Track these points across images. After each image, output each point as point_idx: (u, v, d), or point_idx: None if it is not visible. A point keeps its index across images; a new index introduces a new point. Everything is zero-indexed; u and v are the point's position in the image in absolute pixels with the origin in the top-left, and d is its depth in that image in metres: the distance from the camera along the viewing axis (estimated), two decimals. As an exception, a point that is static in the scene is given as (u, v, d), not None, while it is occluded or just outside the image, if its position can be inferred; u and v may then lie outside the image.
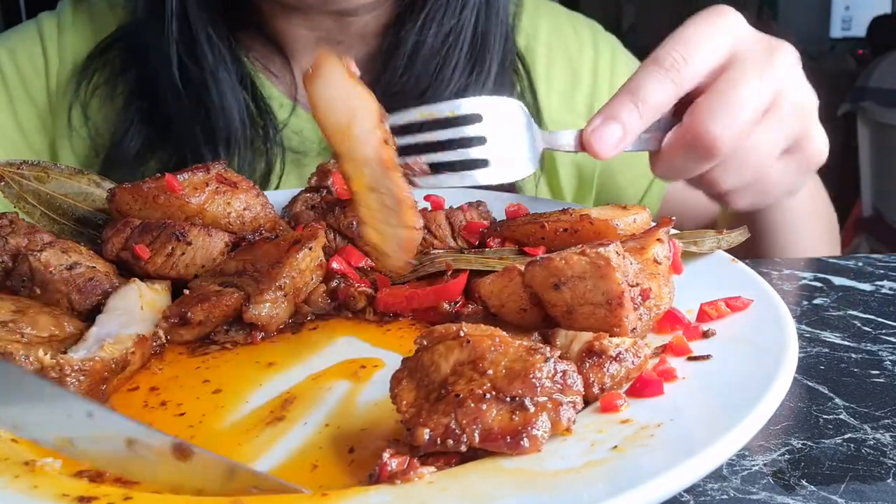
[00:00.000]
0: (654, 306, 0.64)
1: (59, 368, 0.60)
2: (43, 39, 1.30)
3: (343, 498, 0.46)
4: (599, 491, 0.44)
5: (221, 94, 1.17)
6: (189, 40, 1.17)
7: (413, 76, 1.20)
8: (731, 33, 0.80)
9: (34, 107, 1.29)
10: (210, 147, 1.17)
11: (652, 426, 0.50)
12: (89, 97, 1.24)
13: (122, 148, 1.20)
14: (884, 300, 0.88)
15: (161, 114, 1.19)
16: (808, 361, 0.73)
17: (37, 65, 1.29)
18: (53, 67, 1.29)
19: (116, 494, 0.47)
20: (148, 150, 1.21)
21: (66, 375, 0.59)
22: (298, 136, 1.25)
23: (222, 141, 1.18)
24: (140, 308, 0.72)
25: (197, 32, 1.16)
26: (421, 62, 1.19)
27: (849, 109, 4.27)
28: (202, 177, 0.83)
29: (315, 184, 0.93)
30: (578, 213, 0.78)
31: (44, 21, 1.33)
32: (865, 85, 4.19)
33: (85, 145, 1.25)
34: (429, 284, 0.78)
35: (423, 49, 1.19)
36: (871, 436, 0.61)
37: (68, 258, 0.75)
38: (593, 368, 0.56)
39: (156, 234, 0.78)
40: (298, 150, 1.24)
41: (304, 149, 1.25)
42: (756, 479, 0.55)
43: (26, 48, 1.30)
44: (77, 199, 0.89)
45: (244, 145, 1.19)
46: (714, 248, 0.80)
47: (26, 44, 1.30)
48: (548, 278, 0.60)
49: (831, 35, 7.65)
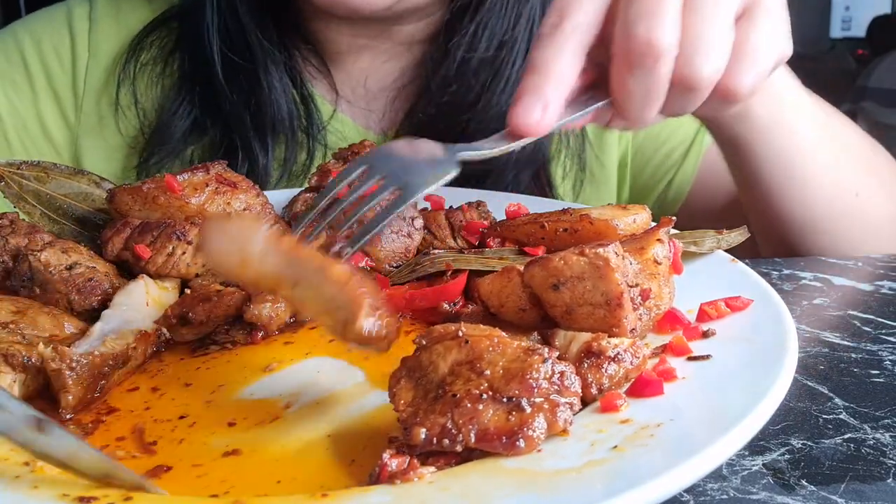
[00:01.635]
0: (654, 306, 0.64)
1: (58, 360, 0.60)
2: (72, 31, 1.27)
3: (343, 498, 0.46)
4: (599, 491, 0.44)
5: (271, 87, 1.17)
6: (236, 34, 1.17)
7: (463, 87, 1.17)
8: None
9: (57, 102, 1.27)
10: (257, 134, 1.18)
11: (652, 426, 0.50)
12: (137, 76, 1.24)
13: (171, 128, 1.20)
14: (884, 300, 0.88)
15: (211, 97, 1.19)
16: (808, 361, 0.73)
17: (63, 58, 1.27)
18: (82, 62, 1.27)
19: (116, 495, 0.47)
20: (195, 131, 1.21)
21: (64, 368, 0.59)
22: (340, 135, 1.25)
23: (270, 130, 1.18)
24: (146, 304, 0.72)
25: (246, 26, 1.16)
26: (471, 74, 1.16)
27: (849, 109, 4.27)
28: (202, 177, 0.83)
29: (315, 184, 0.93)
30: (578, 213, 0.78)
31: (74, 10, 1.30)
32: (865, 85, 4.20)
33: (131, 125, 1.24)
34: (428, 284, 0.78)
35: (474, 61, 1.16)
36: (871, 436, 0.61)
37: (68, 258, 0.75)
38: (591, 369, 0.56)
39: (156, 234, 0.78)
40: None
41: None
42: (756, 479, 0.55)
43: (53, 39, 1.27)
44: (77, 199, 0.89)
45: (290, 136, 1.19)
46: (714, 248, 0.81)
47: (53, 35, 1.28)
48: (547, 279, 0.60)
49: (831, 35, 7.65)
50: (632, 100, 0.71)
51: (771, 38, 0.73)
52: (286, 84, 1.19)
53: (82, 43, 1.27)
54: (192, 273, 0.78)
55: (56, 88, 1.27)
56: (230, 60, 1.17)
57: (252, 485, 0.51)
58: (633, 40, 0.67)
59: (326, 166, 0.94)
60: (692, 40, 0.69)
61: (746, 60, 0.72)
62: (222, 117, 1.20)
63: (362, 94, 1.29)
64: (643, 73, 0.69)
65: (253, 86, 1.18)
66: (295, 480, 0.51)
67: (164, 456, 0.55)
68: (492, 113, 1.17)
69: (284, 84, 1.19)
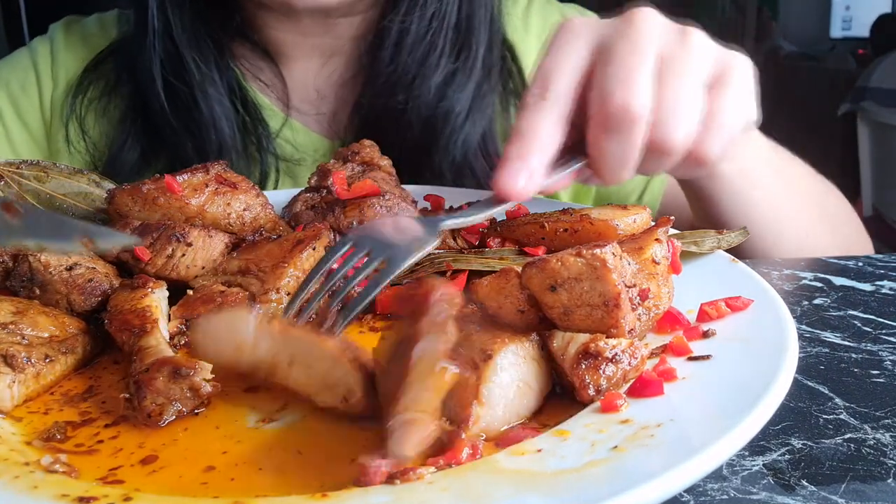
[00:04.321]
0: (653, 306, 0.64)
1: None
2: (36, 66, 1.33)
3: (343, 498, 0.46)
4: (599, 491, 0.44)
5: (210, 108, 1.19)
6: (174, 58, 1.18)
7: (400, 65, 1.20)
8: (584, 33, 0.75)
9: (27, 129, 1.31)
10: (201, 159, 1.18)
11: (652, 426, 0.51)
12: (85, 111, 1.27)
13: (120, 160, 1.22)
14: (884, 300, 0.88)
15: (154, 127, 1.21)
16: (808, 361, 0.73)
17: (30, 92, 1.32)
18: (47, 90, 1.32)
19: (116, 495, 0.47)
20: (145, 162, 1.23)
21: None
22: (291, 144, 1.26)
23: (213, 153, 1.19)
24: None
25: (182, 50, 1.18)
26: (406, 51, 1.19)
27: (849, 109, 4.28)
28: (202, 178, 0.83)
29: (315, 184, 0.93)
30: (578, 213, 0.78)
31: (37, 48, 1.35)
32: (865, 85, 4.20)
33: (83, 159, 1.27)
34: (429, 285, 0.78)
35: (408, 37, 1.19)
36: (871, 436, 0.61)
37: (68, 259, 0.75)
38: (589, 370, 0.56)
39: (156, 236, 0.78)
40: (292, 159, 1.25)
41: (299, 157, 1.26)
42: (756, 479, 0.55)
43: (19, 78, 1.33)
44: (76, 198, 0.89)
45: (237, 155, 1.21)
46: (714, 248, 0.80)
47: (19, 74, 1.33)
48: (544, 280, 0.60)
49: (831, 35, 7.64)
50: (608, 161, 0.74)
51: (739, 105, 0.77)
52: (226, 107, 1.20)
53: (46, 75, 1.32)
54: (191, 275, 0.78)
55: (25, 119, 1.32)
56: (171, 86, 1.19)
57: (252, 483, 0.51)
58: (610, 106, 0.71)
59: (326, 166, 0.94)
60: (666, 107, 0.72)
61: (716, 128, 0.75)
62: (167, 146, 1.22)
63: (313, 98, 1.31)
64: (619, 136, 0.72)
65: (192, 111, 1.19)
66: (295, 480, 0.51)
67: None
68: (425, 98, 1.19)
69: (225, 107, 1.20)
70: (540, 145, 0.72)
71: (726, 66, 0.76)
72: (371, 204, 0.84)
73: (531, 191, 0.72)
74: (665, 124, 0.72)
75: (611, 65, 0.72)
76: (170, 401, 0.59)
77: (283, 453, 0.54)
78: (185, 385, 0.59)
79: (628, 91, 0.71)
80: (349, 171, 0.92)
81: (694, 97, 0.74)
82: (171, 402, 0.59)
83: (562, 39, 0.75)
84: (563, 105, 0.73)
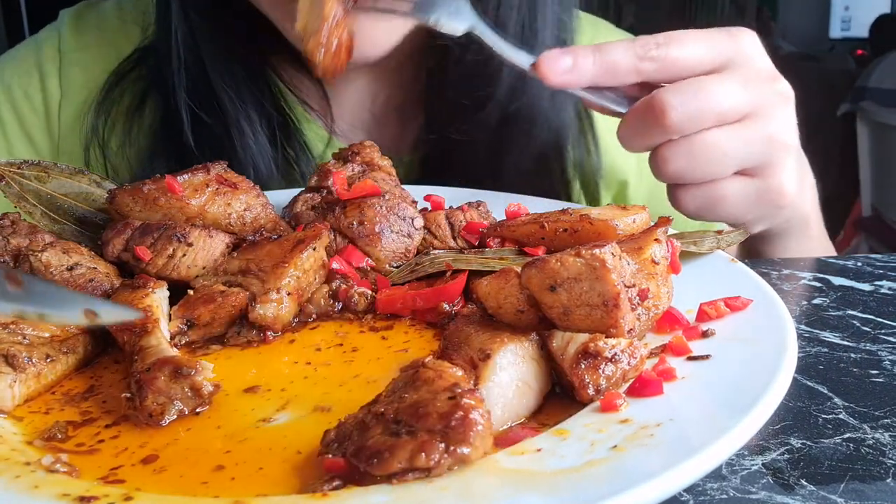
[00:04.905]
0: (653, 306, 0.64)
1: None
2: (42, 70, 1.20)
3: (343, 498, 0.46)
4: (599, 490, 0.44)
5: (245, 147, 1.09)
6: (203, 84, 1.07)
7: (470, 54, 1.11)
8: (731, 49, 0.81)
9: (32, 146, 1.20)
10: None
11: (651, 426, 0.51)
12: (109, 134, 1.15)
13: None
14: (883, 300, 0.88)
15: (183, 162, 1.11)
16: (807, 361, 0.73)
17: (34, 100, 1.20)
18: (54, 102, 1.20)
19: (116, 494, 0.47)
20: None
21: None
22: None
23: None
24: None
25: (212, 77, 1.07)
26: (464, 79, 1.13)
27: (849, 109, 4.28)
28: (202, 178, 0.83)
29: (315, 184, 0.93)
30: (578, 214, 0.78)
31: (43, 44, 1.22)
32: (865, 85, 4.20)
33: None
34: (428, 285, 0.78)
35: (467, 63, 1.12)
36: (871, 435, 0.61)
37: (69, 259, 0.75)
38: (589, 370, 0.56)
39: (156, 236, 0.78)
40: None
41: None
42: (756, 478, 0.55)
43: (22, 82, 1.20)
44: (77, 198, 0.89)
45: (277, 185, 1.11)
46: (714, 247, 0.81)
47: (22, 77, 1.21)
48: (544, 280, 0.60)
49: (831, 35, 7.64)
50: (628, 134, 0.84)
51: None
52: (262, 144, 1.10)
53: (53, 81, 1.20)
54: (192, 275, 0.79)
55: (30, 133, 1.21)
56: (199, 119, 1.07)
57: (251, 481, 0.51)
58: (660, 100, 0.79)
59: (326, 166, 0.94)
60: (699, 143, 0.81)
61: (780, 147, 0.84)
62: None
63: (367, 119, 1.23)
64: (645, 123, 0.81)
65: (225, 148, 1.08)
66: (294, 480, 0.51)
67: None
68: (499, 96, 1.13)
69: (261, 145, 1.10)
70: (601, 64, 0.79)
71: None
72: (371, 204, 0.85)
73: (565, 79, 0.80)
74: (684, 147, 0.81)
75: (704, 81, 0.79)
76: (171, 400, 0.59)
77: (284, 453, 0.54)
78: (187, 384, 0.59)
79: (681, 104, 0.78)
80: (349, 172, 0.92)
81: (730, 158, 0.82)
82: (173, 402, 0.59)
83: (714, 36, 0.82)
84: (645, 61, 0.80)
